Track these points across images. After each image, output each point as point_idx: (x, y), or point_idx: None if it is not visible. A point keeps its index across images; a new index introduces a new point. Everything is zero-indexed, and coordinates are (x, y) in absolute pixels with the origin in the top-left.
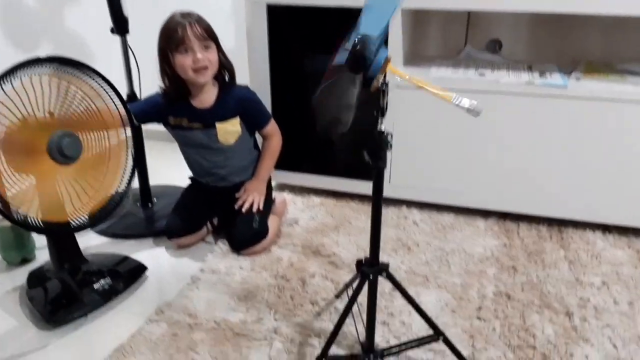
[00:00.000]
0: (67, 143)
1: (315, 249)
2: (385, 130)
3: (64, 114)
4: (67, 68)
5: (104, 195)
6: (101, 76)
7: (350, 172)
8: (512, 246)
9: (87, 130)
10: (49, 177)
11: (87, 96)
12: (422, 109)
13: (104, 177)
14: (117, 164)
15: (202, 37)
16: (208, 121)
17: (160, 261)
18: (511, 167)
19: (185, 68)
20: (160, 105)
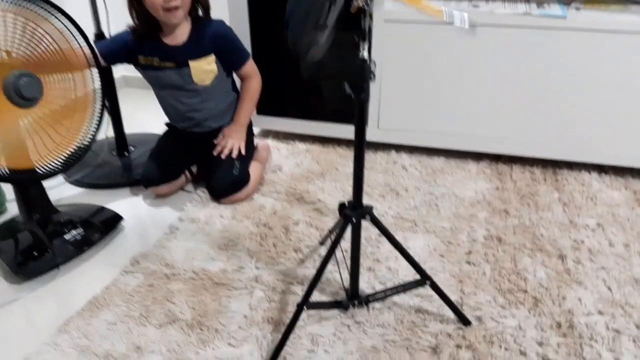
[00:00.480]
0: (24, 83)
1: (300, 196)
2: (367, 58)
3: (22, 54)
4: (24, 2)
5: (72, 142)
6: (62, 12)
7: (337, 117)
8: (504, 189)
9: (49, 71)
10: (8, 120)
11: (47, 34)
12: (411, 45)
13: (71, 123)
14: (85, 110)
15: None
16: (181, 60)
17: (138, 211)
18: (505, 105)
19: (156, 7)
20: (129, 44)
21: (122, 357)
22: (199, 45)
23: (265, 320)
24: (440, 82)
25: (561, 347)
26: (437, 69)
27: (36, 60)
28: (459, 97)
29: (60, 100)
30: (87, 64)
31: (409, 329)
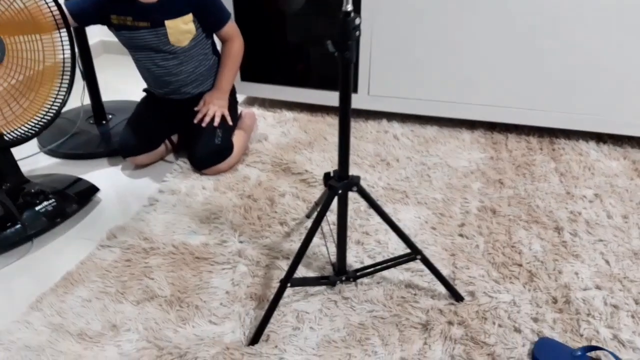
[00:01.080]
0: None
1: (286, 167)
2: (352, 12)
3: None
4: None
5: (40, 107)
6: None
7: (325, 83)
8: (499, 159)
9: (14, 32)
10: None
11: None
12: (403, 7)
13: (39, 84)
14: (55, 78)
15: None
16: (156, 19)
17: (116, 182)
18: (500, 71)
19: None
20: (101, 1)
21: (97, 336)
22: (175, 4)
23: (248, 297)
24: (433, 46)
25: (557, 323)
26: (430, 32)
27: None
28: (453, 62)
29: (29, 68)
30: (56, 24)
31: (398, 304)
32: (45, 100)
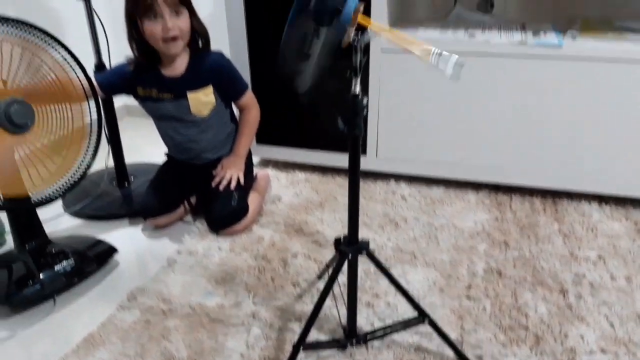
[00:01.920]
0: (15, 110)
1: (299, 227)
2: (360, 94)
3: (18, 83)
4: (22, 33)
5: (67, 171)
6: (60, 43)
7: (336, 146)
8: (504, 220)
9: (46, 101)
10: (2, 147)
11: (45, 64)
12: (409, 75)
13: (67, 153)
14: (82, 141)
15: (172, 2)
16: (179, 91)
17: (136, 243)
18: (503, 135)
19: (155, 37)
20: (127, 75)
21: None
22: (197, 77)
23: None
24: (438, 111)
25: None
26: (435, 98)
27: (32, 90)
28: (457, 126)
29: (56, 132)
30: (85, 95)
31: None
32: (71, 164)
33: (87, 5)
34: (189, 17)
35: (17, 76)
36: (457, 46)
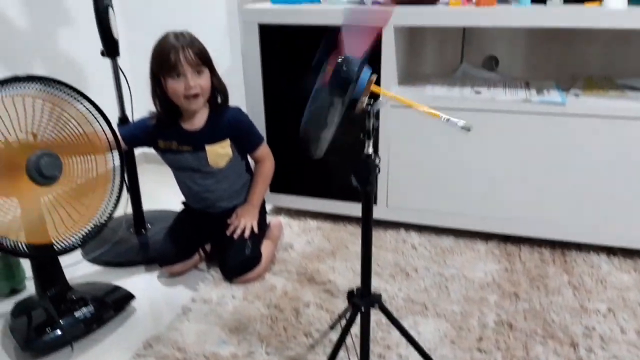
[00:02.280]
0: (45, 163)
1: (311, 276)
2: (372, 154)
3: (47, 136)
4: (52, 89)
5: (89, 219)
6: (87, 98)
7: (347, 195)
8: (513, 271)
9: (73, 153)
10: (30, 198)
11: (72, 118)
12: (418, 128)
13: (90, 200)
14: (105, 188)
15: (194, 63)
16: (198, 144)
17: (152, 290)
18: (511, 187)
19: (177, 94)
20: (149, 129)
21: None
22: (215, 131)
23: None
24: (446, 163)
25: None
26: (443, 151)
27: (60, 143)
28: (465, 178)
29: (80, 179)
30: (109, 147)
31: None
32: (94, 212)
33: (114, 63)
34: (209, 76)
35: (47, 129)
36: (464, 103)
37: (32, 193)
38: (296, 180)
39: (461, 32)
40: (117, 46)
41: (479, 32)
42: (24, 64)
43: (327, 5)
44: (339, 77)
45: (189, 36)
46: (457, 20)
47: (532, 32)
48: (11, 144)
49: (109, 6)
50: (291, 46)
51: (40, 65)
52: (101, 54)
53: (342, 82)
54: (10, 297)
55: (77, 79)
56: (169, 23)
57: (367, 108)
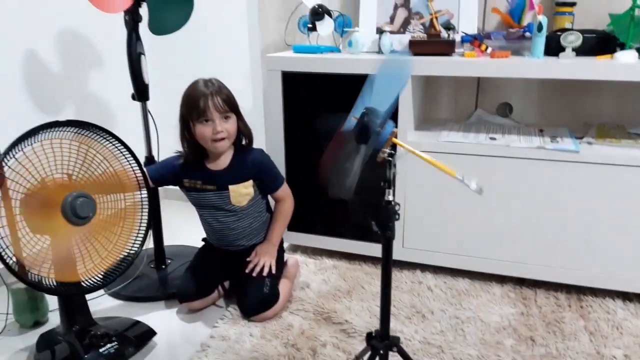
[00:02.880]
0: (80, 204)
1: (327, 316)
2: (393, 201)
3: (82, 177)
4: (87, 132)
5: (116, 257)
6: (119, 140)
7: (363, 235)
8: (529, 315)
9: (104, 192)
10: (63, 237)
11: (105, 159)
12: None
13: (117, 238)
14: (131, 226)
15: (222, 109)
16: (221, 184)
17: (171, 325)
18: (526, 232)
19: (205, 138)
20: (176, 168)
21: None
22: (239, 171)
23: None
24: (462, 207)
25: None
26: (459, 195)
27: (93, 183)
28: (480, 222)
29: (109, 217)
30: (138, 186)
31: None
32: (120, 250)
33: (143, 106)
34: (236, 121)
35: (81, 170)
36: (479, 149)
37: (65, 232)
38: (313, 219)
39: (476, 79)
40: (147, 91)
41: (493, 80)
42: (56, 105)
43: (346, 55)
44: (363, 127)
45: (218, 83)
46: (472, 71)
47: (545, 81)
48: (47, 184)
49: (141, 54)
50: (311, 92)
51: (71, 107)
52: (132, 97)
53: (366, 132)
54: (34, 329)
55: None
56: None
57: (388, 158)
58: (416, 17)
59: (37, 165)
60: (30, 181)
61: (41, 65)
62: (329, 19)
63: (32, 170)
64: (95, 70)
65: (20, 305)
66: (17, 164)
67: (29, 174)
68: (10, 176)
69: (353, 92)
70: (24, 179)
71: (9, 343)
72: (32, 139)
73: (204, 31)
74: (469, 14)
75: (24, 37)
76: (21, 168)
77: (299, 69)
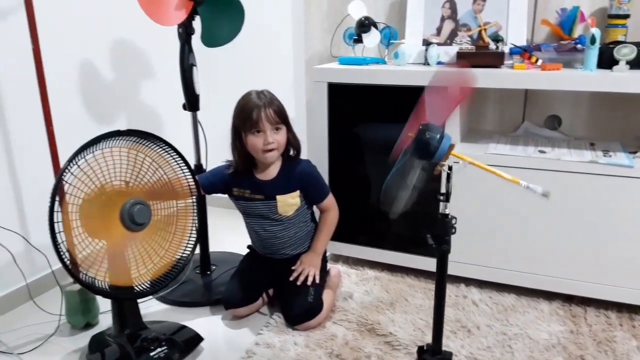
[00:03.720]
0: (138, 211)
1: (371, 327)
2: (449, 214)
3: (137, 184)
4: (145, 141)
5: (168, 261)
6: (174, 149)
7: (406, 246)
8: (579, 333)
9: (158, 199)
10: (119, 242)
11: (160, 168)
12: (481, 184)
13: (169, 243)
14: (182, 232)
15: (274, 121)
16: (269, 193)
17: (216, 331)
18: (576, 248)
19: (256, 149)
20: (226, 177)
21: None
22: (287, 182)
23: None
24: (509, 221)
25: None
26: (506, 208)
27: (148, 190)
28: (528, 237)
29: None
30: (190, 193)
31: None
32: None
33: (194, 116)
34: (286, 132)
35: (138, 178)
36: (529, 162)
37: (121, 237)
38: (355, 229)
39: (523, 91)
40: (198, 101)
41: (541, 92)
42: (110, 114)
43: (393, 66)
44: (421, 142)
45: (270, 95)
46: (522, 83)
47: (595, 94)
48: (107, 191)
49: (193, 65)
50: (357, 102)
51: (124, 115)
52: (183, 107)
53: (424, 147)
54: (85, 330)
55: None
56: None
57: (447, 171)
58: (463, 29)
59: (98, 172)
60: (90, 187)
61: (98, 75)
62: (375, 31)
63: (92, 177)
64: (146, 80)
65: (72, 307)
66: (79, 171)
67: (89, 180)
68: (72, 182)
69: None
70: (84, 185)
71: (62, 343)
72: (94, 147)
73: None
74: (517, 26)
75: (82, 48)
76: (83, 174)
77: (345, 80)
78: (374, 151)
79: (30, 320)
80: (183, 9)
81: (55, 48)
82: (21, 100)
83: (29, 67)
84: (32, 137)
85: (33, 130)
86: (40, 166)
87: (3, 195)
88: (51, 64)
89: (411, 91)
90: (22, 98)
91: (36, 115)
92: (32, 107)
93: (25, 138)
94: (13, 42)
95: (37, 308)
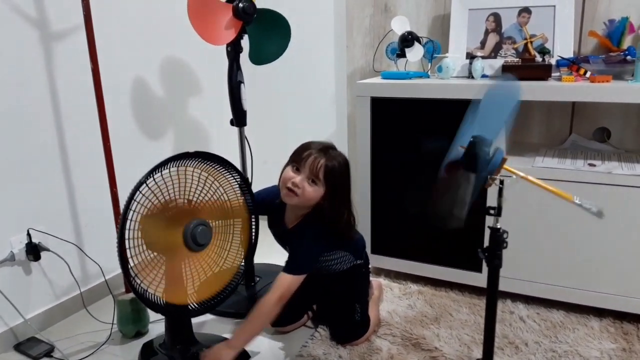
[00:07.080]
0: (201, 231)
1: (416, 342)
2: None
3: (199, 202)
4: (210, 162)
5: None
6: (237, 171)
7: (449, 261)
8: (632, 351)
9: (217, 218)
10: (178, 260)
11: (220, 187)
12: (528, 199)
13: (223, 261)
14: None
15: (315, 172)
16: (285, 239)
17: (260, 344)
18: (628, 263)
19: (283, 180)
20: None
21: None
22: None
23: None
24: (558, 234)
25: None
26: (555, 222)
27: (209, 208)
28: (577, 252)
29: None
30: (247, 214)
31: None
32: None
33: (240, 132)
34: (322, 194)
35: (200, 197)
36: (578, 176)
37: (182, 256)
38: (398, 243)
39: (571, 103)
40: (245, 117)
41: (590, 104)
42: (158, 129)
43: (436, 80)
44: (473, 156)
45: (333, 153)
46: (571, 96)
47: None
48: (170, 208)
49: (241, 82)
50: (400, 116)
51: (172, 130)
52: (230, 123)
53: (476, 161)
54: (135, 339)
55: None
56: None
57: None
58: (508, 41)
59: (164, 190)
60: (154, 203)
61: (148, 91)
62: (419, 45)
63: (158, 194)
64: (194, 95)
65: (124, 316)
66: (147, 189)
67: (155, 198)
68: (140, 200)
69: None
70: (149, 202)
71: (113, 352)
72: (165, 166)
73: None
74: (564, 38)
75: (135, 66)
76: (150, 193)
77: (388, 95)
78: (417, 164)
79: (84, 328)
80: (232, 28)
81: (112, 68)
82: (79, 116)
83: (87, 85)
84: (87, 151)
85: (89, 143)
86: (94, 179)
87: (59, 207)
88: (107, 83)
89: (455, 104)
90: (80, 114)
91: (92, 130)
92: (88, 123)
93: (80, 152)
94: (73, 62)
95: (90, 316)
